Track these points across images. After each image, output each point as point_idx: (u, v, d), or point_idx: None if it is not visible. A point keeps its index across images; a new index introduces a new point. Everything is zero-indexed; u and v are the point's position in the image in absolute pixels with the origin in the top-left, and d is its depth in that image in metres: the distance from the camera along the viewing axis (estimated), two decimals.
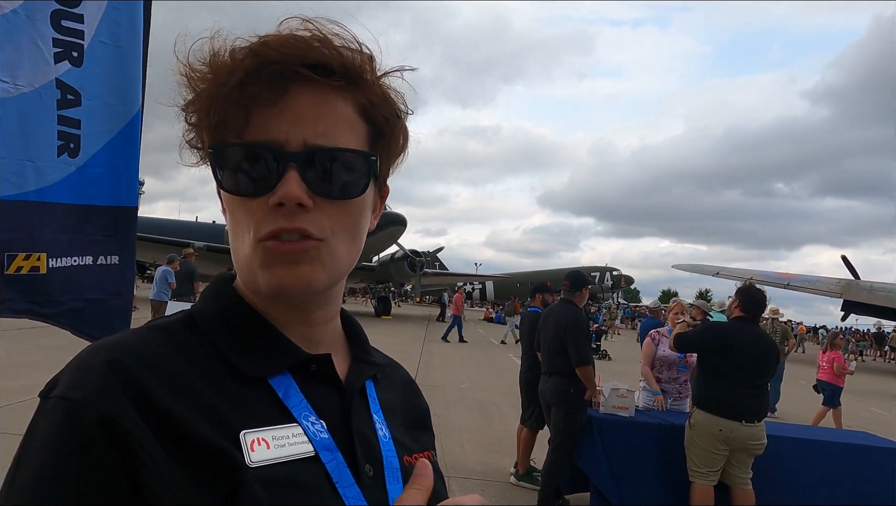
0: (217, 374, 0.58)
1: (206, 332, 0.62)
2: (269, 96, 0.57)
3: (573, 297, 4.91)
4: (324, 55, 0.59)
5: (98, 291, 2.91)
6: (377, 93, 0.63)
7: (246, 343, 0.62)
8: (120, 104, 2.95)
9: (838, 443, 4.45)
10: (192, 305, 0.68)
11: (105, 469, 0.49)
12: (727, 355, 3.99)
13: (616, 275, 46.54)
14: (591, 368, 4.59)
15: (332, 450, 0.60)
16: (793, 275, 28.68)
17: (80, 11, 2.84)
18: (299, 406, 0.61)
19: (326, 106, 0.59)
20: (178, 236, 23.80)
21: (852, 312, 26.75)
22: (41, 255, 2.72)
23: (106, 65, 2.91)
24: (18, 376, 7.13)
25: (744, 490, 4.01)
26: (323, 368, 0.65)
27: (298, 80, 0.58)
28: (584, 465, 4.48)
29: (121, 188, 2.98)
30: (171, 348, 0.58)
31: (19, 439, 0.53)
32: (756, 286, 4.44)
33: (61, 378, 0.54)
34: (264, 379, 0.60)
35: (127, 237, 3.03)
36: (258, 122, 0.58)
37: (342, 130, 0.60)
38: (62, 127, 2.78)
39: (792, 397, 11.60)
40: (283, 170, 0.57)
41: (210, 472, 0.52)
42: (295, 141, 0.58)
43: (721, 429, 3.92)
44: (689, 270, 34.13)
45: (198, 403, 0.54)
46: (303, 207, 0.57)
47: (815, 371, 9.58)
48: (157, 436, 0.51)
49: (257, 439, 0.56)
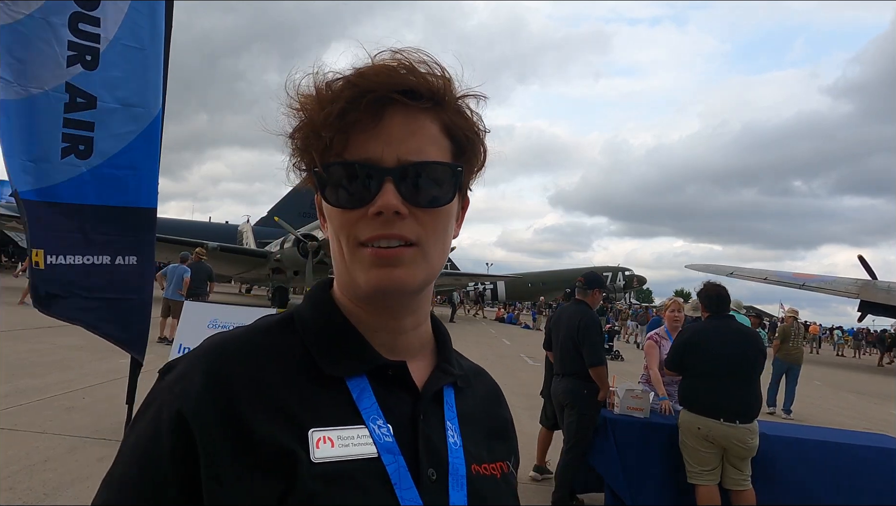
0: (300, 373, 0.66)
1: (300, 331, 0.70)
2: (368, 121, 0.65)
3: (586, 297, 4.88)
4: (412, 82, 0.66)
5: (116, 290, 2.93)
6: (458, 112, 0.70)
7: (331, 345, 0.69)
8: (141, 106, 2.96)
9: (847, 444, 4.38)
10: (296, 306, 0.76)
11: (169, 458, 0.60)
12: (700, 354, 4.02)
13: (628, 275, 46.22)
14: (605, 368, 4.57)
15: (395, 453, 0.65)
16: (809, 275, 28.32)
17: (98, 14, 2.84)
18: (369, 409, 0.66)
19: (416, 125, 0.67)
20: (192, 237, 23.98)
21: (869, 313, 26.36)
22: (39, 251, 2.75)
23: (128, 67, 2.92)
24: (36, 375, 7.23)
25: (741, 491, 3.97)
26: (399, 374, 0.70)
27: (391, 105, 0.65)
28: (599, 466, 4.46)
29: (141, 190, 2.99)
30: (264, 351, 0.67)
31: (39, 437, 0.56)
32: (713, 282, 4.45)
33: (176, 366, 0.66)
34: (342, 380, 0.67)
35: (146, 238, 3.04)
36: (357, 143, 0.66)
37: (430, 146, 0.67)
38: (68, 130, 2.80)
39: (807, 399, 11.47)
40: (380, 183, 0.64)
41: (271, 471, 0.59)
42: (390, 158, 0.65)
43: (699, 427, 3.91)
44: (703, 271, 33.81)
45: (275, 404, 0.63)
46: (399, 215, 0.64)
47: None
48: (228, 438, 0.60)
49: (323, 438, 0.62)
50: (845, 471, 4.19)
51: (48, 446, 4.75)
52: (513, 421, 0.86)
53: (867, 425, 9.17)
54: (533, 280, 46.17)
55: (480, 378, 0.85)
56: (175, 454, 0.60)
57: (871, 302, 24.89)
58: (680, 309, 5.22)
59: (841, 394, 14.65)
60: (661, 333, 5.06)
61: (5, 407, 5.71)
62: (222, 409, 0.61)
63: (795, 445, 4.30)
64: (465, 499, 0.66)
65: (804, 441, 4.38)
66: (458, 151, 0.71)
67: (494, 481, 0.73)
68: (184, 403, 0.61)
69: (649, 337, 5.13)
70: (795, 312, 10.57)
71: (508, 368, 12.40)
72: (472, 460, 0.71)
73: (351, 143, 0.66)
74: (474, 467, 0.71)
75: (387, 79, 0.65)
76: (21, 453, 4.54)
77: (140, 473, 0.61)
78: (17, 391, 6.35)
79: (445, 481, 0.66)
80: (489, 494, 0.70)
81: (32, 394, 6.35)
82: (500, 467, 0.75)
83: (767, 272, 29.58)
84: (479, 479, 0.70)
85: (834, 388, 15.83)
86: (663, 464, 4.32)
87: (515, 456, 0.82)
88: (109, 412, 5.77)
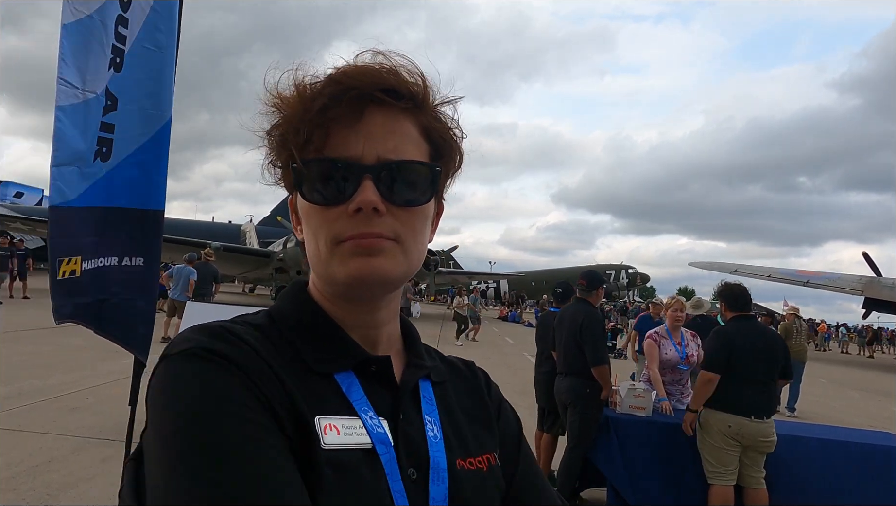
0: (292, 366, 0.65)
1: (283, 330, 0.69)
2: (349, 118, 0.65)
3: (588, 296, 4.87)
4: (393, 81, 0.67)
5: (122, 291, 2.92)
6: (437, 116, 0.71)
7: (316, 342, 0.69)
8: (154, 108, 2.94)
9: (855, 443, 4.37)
10: (271, 306, 0.75)
11: (241, 388, 0.57)
12: (730, 355, 4.01)
13: (632, 273, 46.20)
14: (607, 367, 4.55)
15: (387, 444, 0.65)
16: (813, 272, 28.24)
17: (129, 16, 2.84)
18: (360, 401, 0.67)
19: (396, 125, 0.67)
20: (195, 237, 24.03)
21: (874, 310, 26.28)
22: (76, 258, 2.74)
23: (146, 69, 2.89)
24: (40, 376, 7.25)
25: (757, 490, 3.98)
26: (381, 369, 0.71)
27: (373, 104, 0.66)
28: (602, 465, 4.46)
29: (150, 192, 2.97)
30: (257, 340, 0.65)
31: (43, 437, 0.55)
32: (731, 282, 4.44)
33: (178, 343, 0.61)
34: (331, 374, 0.67)
35: (153, 240, 3.02)
36: (337, 140, 0.66)
37: (409, 146, 0.68)
38: (101, 133, 2.79)
39: (812, 397, 11.44)
40: (359, 180, 0.65)
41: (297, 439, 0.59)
42: (369, 155, 0.65)
43: (730, 425, 3.92)
44: (707, 268, 33.77)
45: (283, 388, 0.61)
46: (377, 212, 0.64)
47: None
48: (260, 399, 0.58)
49: (329, 425, 0.62)
50: (848, 469, 4.18)
51: (52, 446, 4.78)
52: (507, 406, 0.86)
53: (871, 422, 9.14)
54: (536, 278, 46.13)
55: (464, 369, 0.86)
56: (241, 382, 0.57)
57: (876, 299, 24.81)
58: (682, 309, 5.15)
59: (845, 391, 14.61)
60: (661, 333, 5.01)
61: (9, 408, 5.74)
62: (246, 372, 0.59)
63: (798, 443, 4.29)
64: (444, 493, 0.66)
65: (807, 439, 4.37)
66: (435, 153, 0.71)
67: (480, 475, 0.72)
68: (214, 345, 0.59)
69: (648, 336, 5.05)
70: (796, 309, 10.56)
71: (511, 368, 12.39)
72: (455, 454, 0.71)
73: (331, 139, 0.66)
74: (458, 462, 0.70)
75: (370, 77, 0.66)
76: (25, 454, 4.56)
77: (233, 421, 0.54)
78: (21, 392, 6.38)
79: (426, 478, 0.66)
80: (472, 490, 0.69)
81: (36, 395, 6.37)
82: (488, 459, 0.75)
83: (771, 269, 29.51)
84: (462, 474, 0.70)
85: (838, 385, 15.80)
86: (666, 463, 4.31)
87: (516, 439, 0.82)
88: (113, 413, 5.79)
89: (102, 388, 6.96)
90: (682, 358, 4.83)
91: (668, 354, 4.86)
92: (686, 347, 4.93)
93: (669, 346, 4.90)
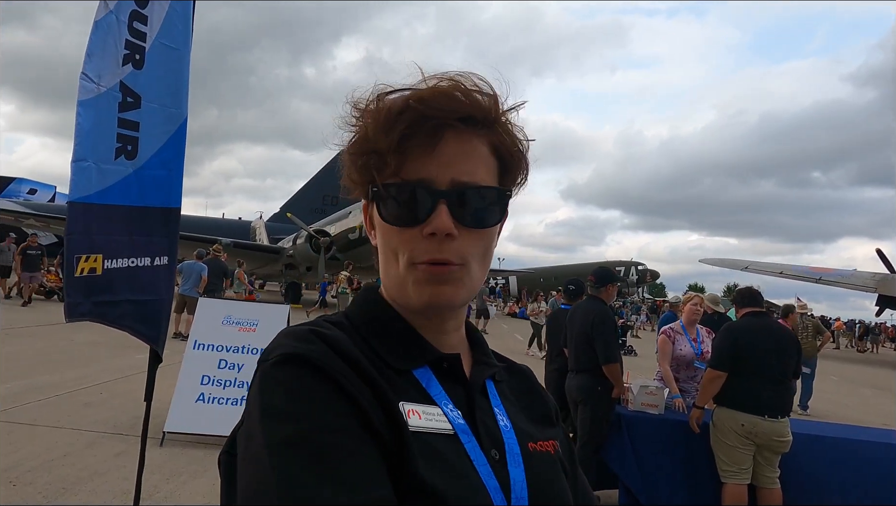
0: (375, 363, 0.69)
1: (361, 330, 0.74)
2: (426, 144, 0.69)
3: (600, 293, 4.84)
4: (467, 107, 0.70)
5: (151, 291, 2.94)
6: (506, 131, 0.74)
7: (393, 341, 0.74)
8: (175, 106, 2.96)
9: (871, 442, 4.32)
10: (346, 309, 0.80)
11: (336, 394, 0.60)
12: (742, 352, 3.96)
13: (641, 269, 45.91)
14: (619, 365, 4.52)
15: (468, 433, 0.69)
16: (826, 269, 27.97)
17: (147, 13, 2.86)
18: (439, 394, 0.71)
19: (469, 148, 0.71)
20: (205, 233, 24.15)
21: (888, 308, 26.00)
22: (97, 256, 2.76)
23: (165, 67, 2.91)
24: (54, 371, 7.33)
25: (771, 490, 3.94)
26: (453, 366, 0.75)
27: (449, 129, 0.70)
28: (613, 463, 4.43)
29: (172, 190, 2.99)
30: (339, 339, 0.68)
31: (56, 432, 0.55)
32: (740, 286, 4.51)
33: (273, 349, 0.65)
34: (409, 371, 0.72)
35: (174, 238, 3.05)
36: (414, 165, 0.70)
37: (480, 168, 0.72)
38: (121, 130, 2.81)
39: (825, 395, 11.34)
40: (434, 204, 0.69)
41: (385, 425, 0.62)
42: (444, 180, 0.69)
43: (743, 424, 3.89)
44: (717, 265, 33.55)
45: (367, 377, 0.65)
46: (450, 236, 0.68)
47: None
48: (354, 389, 0.62)
49: (412, 410, 0.66)
50: (864, 469, 4.13)
51: (67, 441, 4.83)
52: (558, 410, 0.91)
53: (885, 421, 9.04)
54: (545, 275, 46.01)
55: (521, 374, 0.91)
56: (332, 386, 0.61)
57: (890, 296, 24.53)
58: (701, 303, 5.13)
59: (857, 389, 14.48)
60: (675, 328, 4.95)
61: (24, 403, 5.80)
62: (334, 376, 0.62)
63: (813, 442, 4.24)
64: (523, 474, 0.70)
65: (822, 438, 4.33)
66: (503, 169, 0.75)
67: (550, 457, 0.77)
68: (310, 351, 0.63)
69: (663, 332, 5.01)
70: (804, 305, 10.43)
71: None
72: (526, 438, 0.75)
73: (408, 163, 0.70)
74: (530, 445, 0.75)
75: (446, 105, 0.69)
76: (40, 449, 4.61)
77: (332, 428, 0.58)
78: (36, 387, 6.45)
79: (505, 460, 0.70)
80: (545, 468, 0.74)
81: (50, 390, 6.44)
82: (553, 444, 0.79)
83: (783, 266, 29.24)
84: (535, 455, 0.74)
85: (850, 383, 15.65)
86: (678, 461, 4.29)
87: (565, 438, 0.87)
88: (127, 408, 5.85)
89: (115, 383, 7.02)
90: (698, 354, 4.78)
91: (682, 349, 4.81)
92: (702, 344, 4.88)
93: (684, 341, 4.85)
